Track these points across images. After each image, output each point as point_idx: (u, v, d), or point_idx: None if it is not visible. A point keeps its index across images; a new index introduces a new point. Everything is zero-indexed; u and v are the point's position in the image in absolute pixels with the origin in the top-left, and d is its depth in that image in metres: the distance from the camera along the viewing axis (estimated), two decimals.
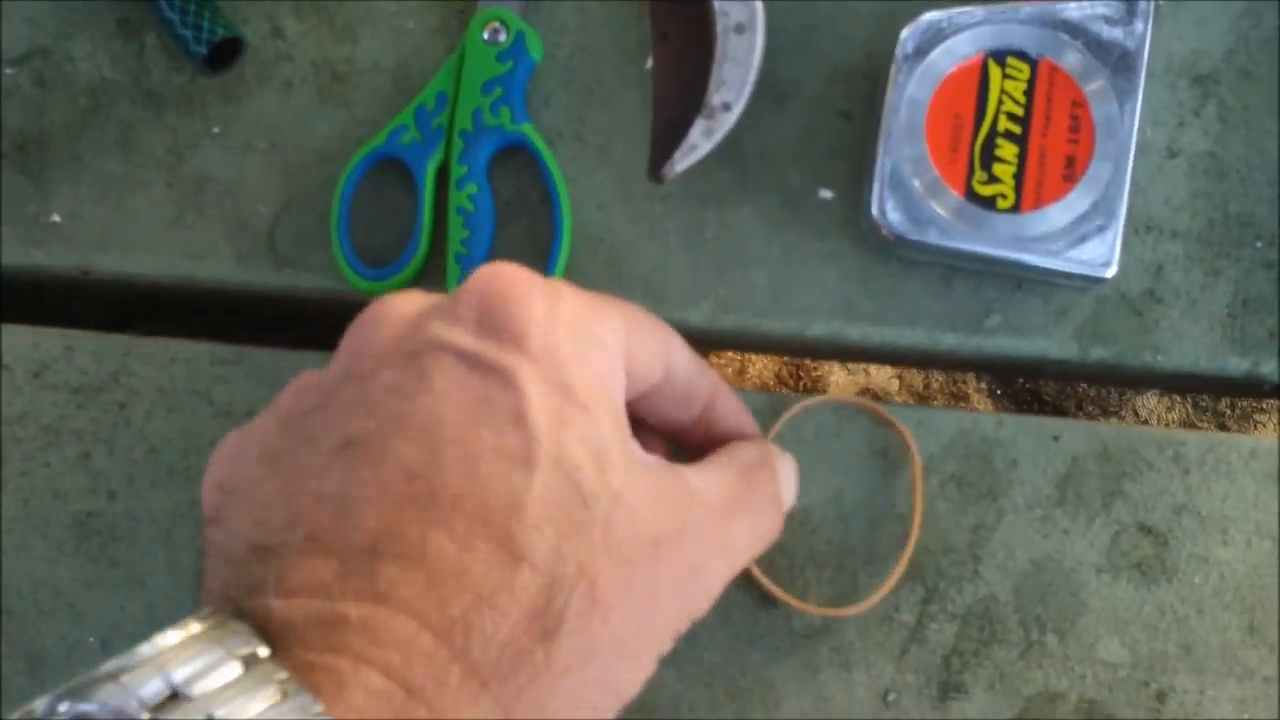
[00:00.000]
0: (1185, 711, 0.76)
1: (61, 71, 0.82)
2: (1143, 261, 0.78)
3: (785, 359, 1.90)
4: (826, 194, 0.79)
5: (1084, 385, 1.84)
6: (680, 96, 0.77)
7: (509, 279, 0.53)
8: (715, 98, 0.76)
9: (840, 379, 1.86)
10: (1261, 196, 0.78)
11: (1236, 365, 0.77)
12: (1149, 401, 1.84)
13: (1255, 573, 0.77)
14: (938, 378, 1.84)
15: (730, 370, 1.91)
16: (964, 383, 1.83)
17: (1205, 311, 0.78)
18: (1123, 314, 0.78)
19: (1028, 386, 1.84)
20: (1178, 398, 1.82)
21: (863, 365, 1.88)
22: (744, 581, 0.77)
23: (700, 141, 0.76)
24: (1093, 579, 0.77)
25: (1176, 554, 0.77)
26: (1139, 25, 0.74)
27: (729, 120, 0.76)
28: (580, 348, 0.53)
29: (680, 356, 0.62)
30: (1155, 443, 0.78)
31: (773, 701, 0.77)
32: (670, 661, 0.72)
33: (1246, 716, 0.76)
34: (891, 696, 0.77)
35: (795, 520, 0.78)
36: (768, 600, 0.77)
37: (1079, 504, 0.77)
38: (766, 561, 0.77)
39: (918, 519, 0.77)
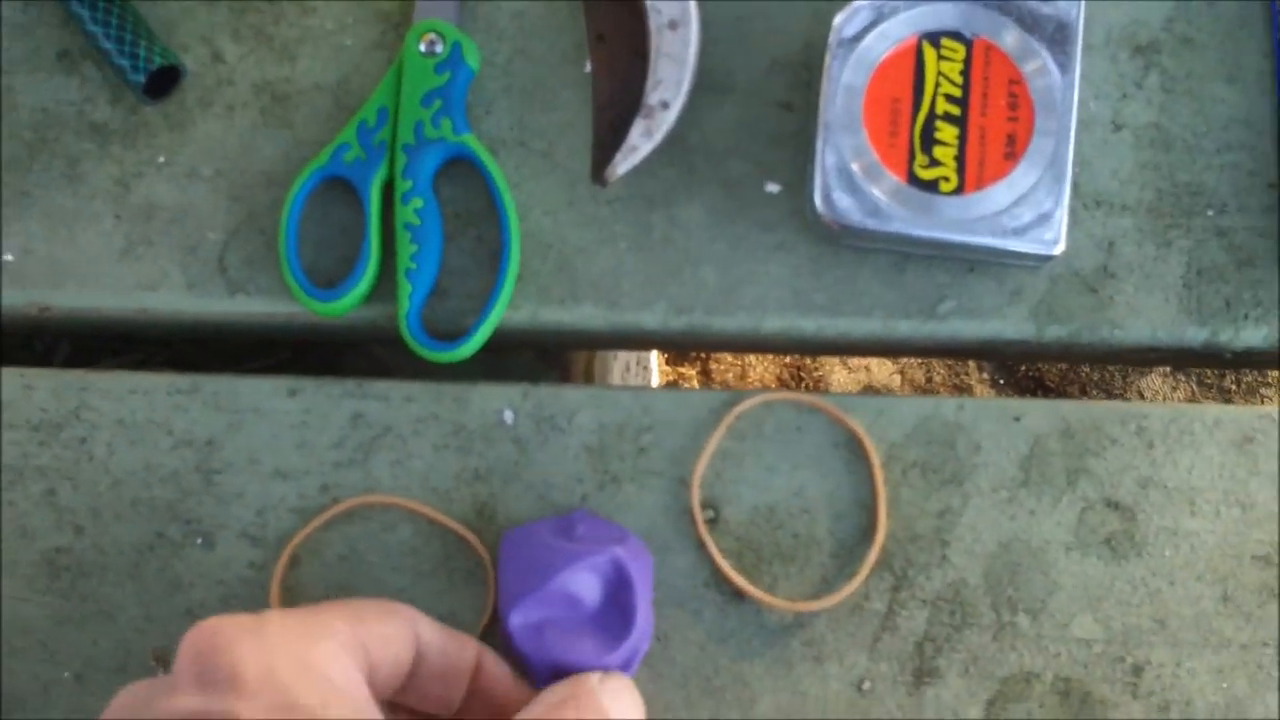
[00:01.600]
0: (1163, 684, 0.77)
1: (3, 108, 0.84)
2: (1093, 237, 0.79)
3: (787, 361, 1.91)
4: (773, 187, 0.81)
5: (1087, 368, 1.85)
6: (619, 97, 0.78)
7: (211, 630, 0.58)
8: (653, 97, 0.77)
9: (841, 377, 1.88)
10: (1210, 164, 0.79)
11: (1194, 335, 0.78)
12: (1154, 382, 1.85)
13: (1225, 542, 0.78)
14: (939, 370, 1.86)
15: (731, 375, 1.92)
16: (965, 374, 1.84)
17: (1160, 284, 0.79)
18: (1077, 291, 0.79)
19: (1030, 373, 1.85)
20: (1181, 377, 1.83)
21: (864, 362, 1.89)
22: (713, 579, 0.79)
23: (640, 142, 0.77)
24: (1062, 557, 0.78)
25: (1145, 527, 0.78)
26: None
27: (668, 119, 0.77)
28: (299, 665, 0.56)
29: (430, 633, 0.67)
30: (1118, 417, 0.79)
31: (748, 698, 0.78)
32: (643, 663, 0.74)
33: (1225, 685, 0.77)
34: (866, 686, 0.78)
35: (761, 516, 0.79)
36: (737, 597, 0.79)
37: (1044, 483, 0.78)
38: (734, 557, 0.79)
39: (882, 509, 0.78)
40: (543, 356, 1.05)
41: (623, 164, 0.77)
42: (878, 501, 0.78)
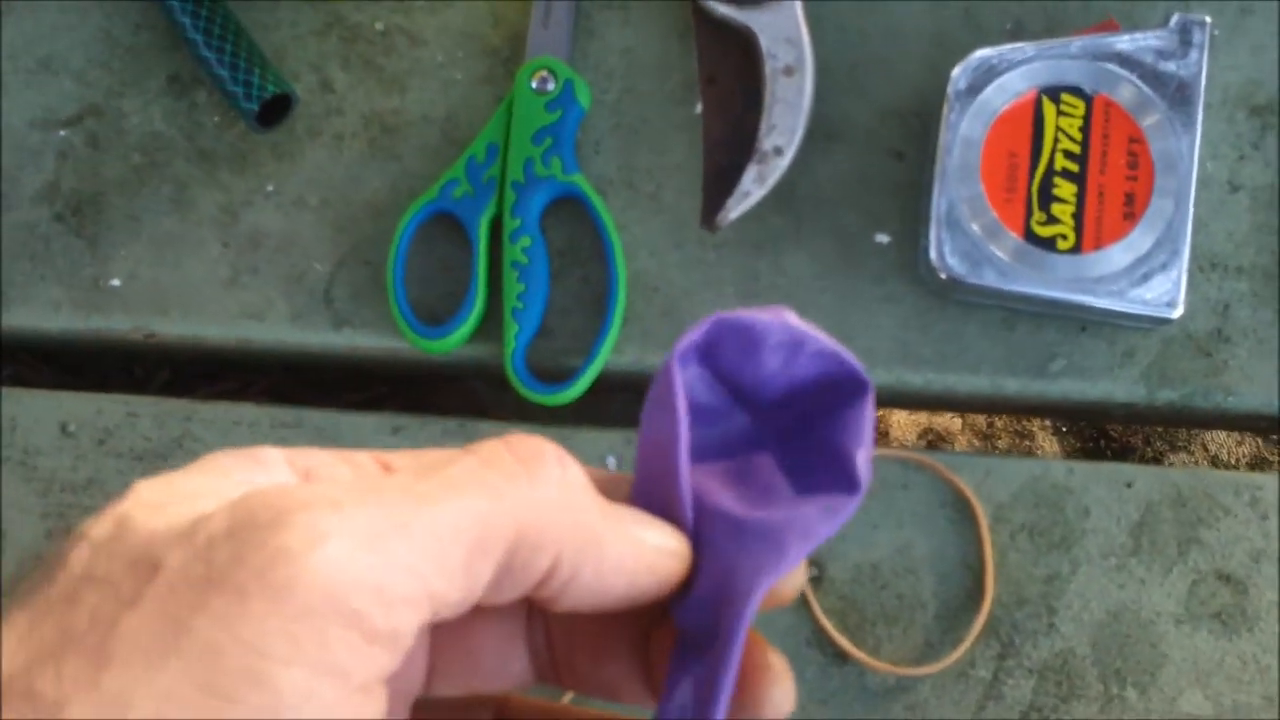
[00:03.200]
0: None
1: (114, 131, 0.86)
2: (1208, 300, 0.79)
3: None
4: (882, 238, 0.81)
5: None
6: (730, 141, 0.79)
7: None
8: (766, 142, 0.78)
9: (901, 419, 1.88)
10: None
11: None
12: (1218, 437, 1.85)
13: None
14: (1001, 418, 1.86)
15: None
16: (1028, 421, 1.85)
17: (1275, 349, 0.79)
18: (1190, 355, 0.79)
19: (1093, 425, 1.85)
20: (1247, 433, 1.82)
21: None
22: (815, 638, 0.79)
23: (753, 188, 0.78)
24: (1172, 630, 0.78)
25: (1257, 602, 0.78)
26: (1194, 55, 0.76)
27: (781, 165, 0.78)
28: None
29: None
30: (1231, 486, 0.79)
31: None
32: None
33: None
34: None
35: (865, 575, 0.79)
36: (840, 658, 0.79)
37: (1154, 552, 0.79)
38: (837, 618, 0.79)
39: (989, 572, 0.79)
40: (642, 399, 1.06)
41: (734, 209, 0.78)
42: (985, 564, 0.78)
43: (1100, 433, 1.87)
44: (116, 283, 0.85)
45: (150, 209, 0.85)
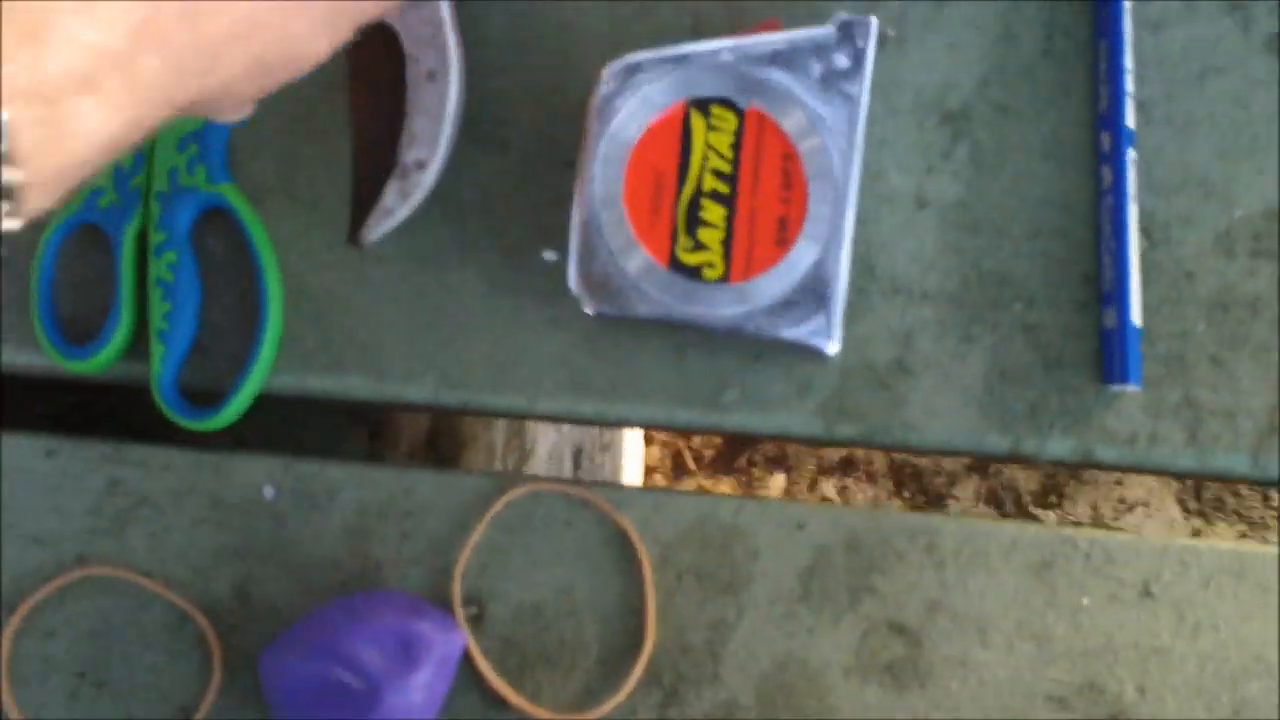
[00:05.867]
0: None
1: None
2: (890, 328, 0.77)
3: None
4: (550, 255, 0.79)
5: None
6: (378, 151, 0.77)
7: None
8: (408, 155, 0.76)
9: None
10: (1019, 250, 0.76)
11: (996, 444, 0.76)
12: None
13: (1017, 677, 0.76)
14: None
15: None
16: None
17: (959, 384, 0.76)
18: (870, 387, 0.77)
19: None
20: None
21: None
22: (472, 681, 0.79)
23: (395, 204, 0.76)
24: (840, 682, 0.77)
25: (930, 655, 0.76)
26: (858, 60, 0.71)
27: (424, 181, 0.76)
28: None
29: None
30: (906, 530, 0.77)
31: None
32: None
33: None
34: None
35: (525, 616, 0.78)
36: (498, 703, 0.78)
37: (825, 599, 0.77)
38: (496, 659, 0.78)
39: (651, 616, 0.77)
40: (303, 422, 1.05)
41: (376, 228, 0.76)
42: (647, 607, 0.77)
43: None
44: None
45: None
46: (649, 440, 2.03)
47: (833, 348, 0.72)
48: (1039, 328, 0.75)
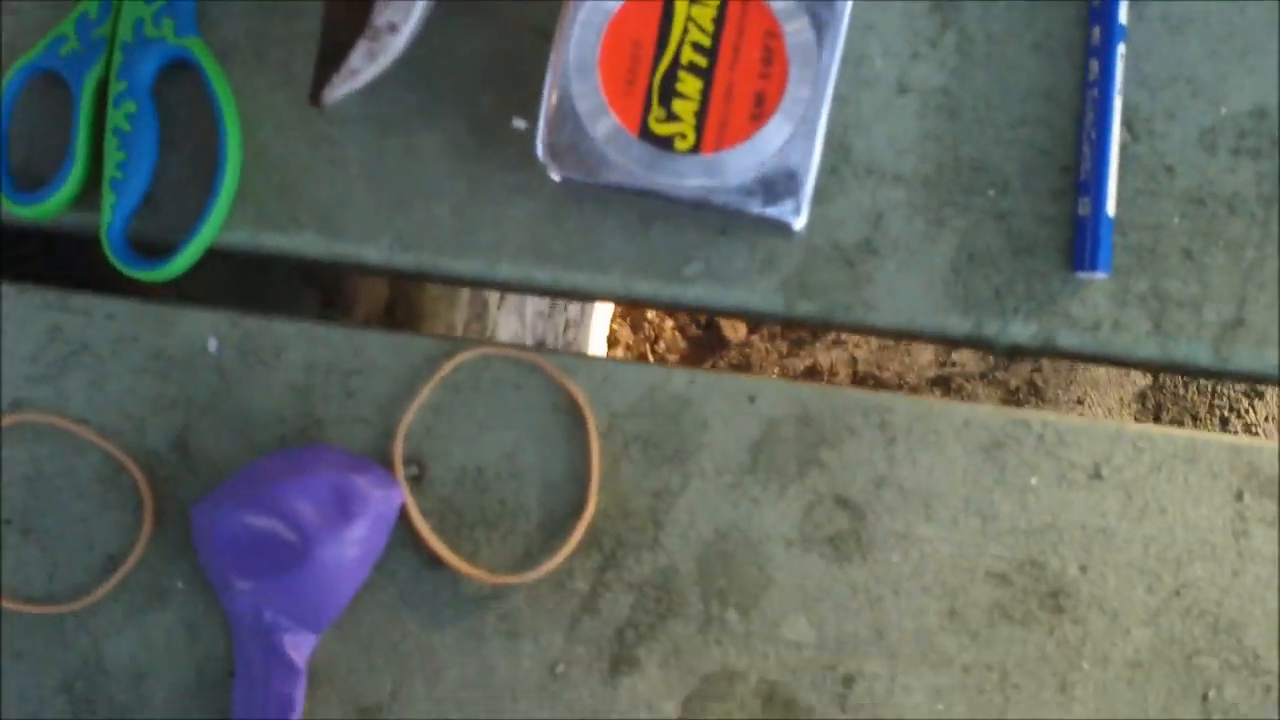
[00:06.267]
0: (874, 698, 0.77)
1: None
2: (860, 208, 0.79)
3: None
4: (519, 123, 0.80)
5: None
6: (351, 9, 0.78)
7: None
8: (380, 17, 0.77)
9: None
10: (999, 139, 0.78)
11: (957, 325, 0.77)
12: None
13: (960, 553, 0.77)
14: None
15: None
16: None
17: (925, 265, 0.78)
18: (834, 265, 0.78)
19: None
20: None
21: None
22: (409, 540, 0.79)
23: (362, 65, 0.77)
24: (781, 552, 0.78)
25: (874, 529, 0.78)
26: None
27: (396, 44, 0.77)
28: None
29: None
30: (860, 408, 0.78)
31: (433, 669, 0.78)
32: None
33: (941, 707, 0.77)
34: (560, 669, 0.78)
35: (467, 478, 0.79)
36: (434, 562, 0.79)
37: (772, 471, 0.78)
38: (435, 519, 0.79)
39: (594, 482, 0.78)
40: (254, 278, 1.05)
41: (340, 87, 0.76)
42: (591, 474, 0.78)
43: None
44: None
45: None
46: (613, 340, 2.03)
47: (799, 223, 0.74)
48: (1011, 214, 0.77)
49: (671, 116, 0.74)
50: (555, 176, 0.75)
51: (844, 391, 0.79)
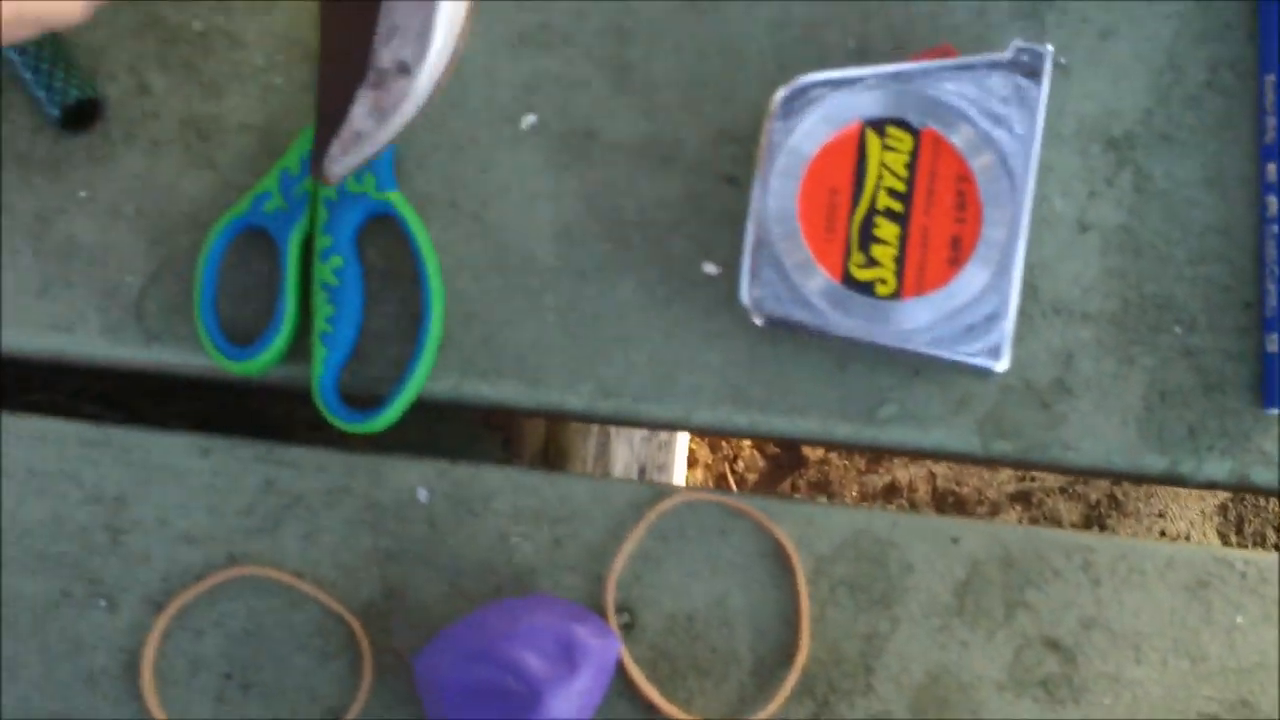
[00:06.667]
0: None
1: None
2: (1050, 348, 0.80)
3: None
4: (711, 268, 0.82)
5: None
6: (347, 49, 0.64)
7: None
8: (384, 55, 0.62)
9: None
10: (1181, 275, 0.79)
11: (1153, 464, 0.78)
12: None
13: (1170, 695, 0.78)
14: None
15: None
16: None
17: (1119, 404, 0.79)
18: (1028, 405, 0.79)
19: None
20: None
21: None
22: (625, 689, 0.81)
23: (366, 125, 0.63)
24: (994, 697, 0.79)
25: (1085, 672, 0.79)
26: (1034, 87, 0.75)
27: (410, 90, 0.62)
28: None
29: None
30: (1063, 548, 0.79)
31: None
32: None
33: None
34: None
35: (677, 625, 0.81)
36: (649, 710, 0.81)
37: (979, 614, 0.79)
38: (648, 668, 0.81)
39: (805, 628, 0.80)
40: (461, 427, 1.07)
41: (343, 157, 0.64)
42: (801, 619, 0.80)
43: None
44: None
45: None
46: (692, 460, 2.05)
47: (1001, 366, 0.75)
48: (1199, 351, 0.78)
49: (871, 262, 0.75)
50: (759, 322, 0.76)
51: (1044, 532, 0.80)
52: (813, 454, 1.97)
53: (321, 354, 0.82)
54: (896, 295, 0.75)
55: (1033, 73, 0.75)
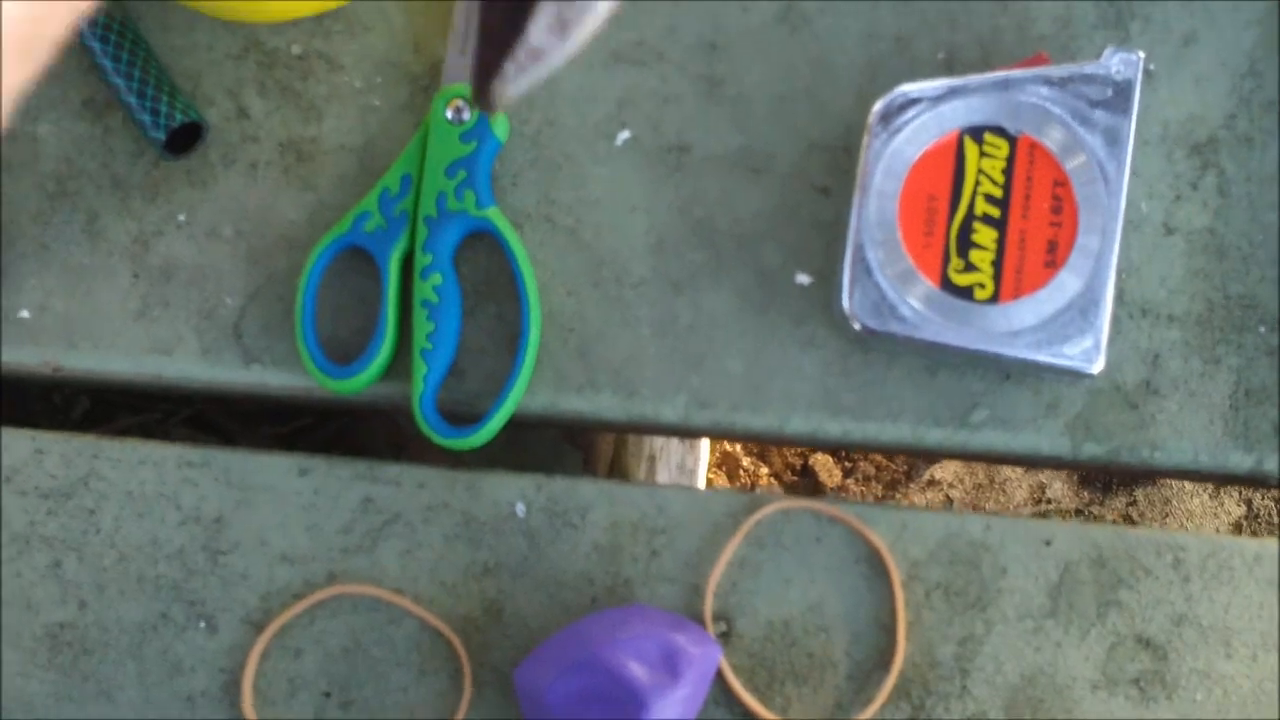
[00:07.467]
0: None
1: (28, 155, 0.91)
2: (1138, 349, 0.83)
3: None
4: (804, 278, 0.85)
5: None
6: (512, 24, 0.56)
7: None
8: None
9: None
10: (1265, 276, 0.82)
11: (1239, 462, 0.81)
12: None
13: (1260, 689, 0.80)
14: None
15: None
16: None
17: (1205, 403, 0.82)
18: (1117, 407, 0.83)
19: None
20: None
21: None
22: (723, 697, 0.83)
23: (548, 41, 0.55)
24: (1088, 695, 0.82)
25: (1177, 668, 0.81)
26: (1126, 93, 0.78)
27: (594, 4, 0.55)
28: None
29: None
30: (1154, 547, 0.82)
31: None
32: None
33: None
34: None
35: (774, 633, 0.83)
36: (747, 716, 0.83)
37: (1073, 614, 0.82)
38: (745, 675, 0.83)
39: (901, 632, 0.83)
40: (565, 434, 1.10)
41: (520, 76, 0.56)
42: (897, 624, 0.82)
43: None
44: (25, 314, 0.89)
45: (61, 238, 0.89)
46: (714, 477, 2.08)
47: (1097, 368, 0.78)
48: None
49: (970, 267, 0.78)
50: (857, 328, 0.79)
51: (1135, 532, 0.82)
52: (829, 480, 1.99)
53: (422, 371, 0.85)
54: (994, 299, 0.78)
55: (1125, 79, 0.78)
